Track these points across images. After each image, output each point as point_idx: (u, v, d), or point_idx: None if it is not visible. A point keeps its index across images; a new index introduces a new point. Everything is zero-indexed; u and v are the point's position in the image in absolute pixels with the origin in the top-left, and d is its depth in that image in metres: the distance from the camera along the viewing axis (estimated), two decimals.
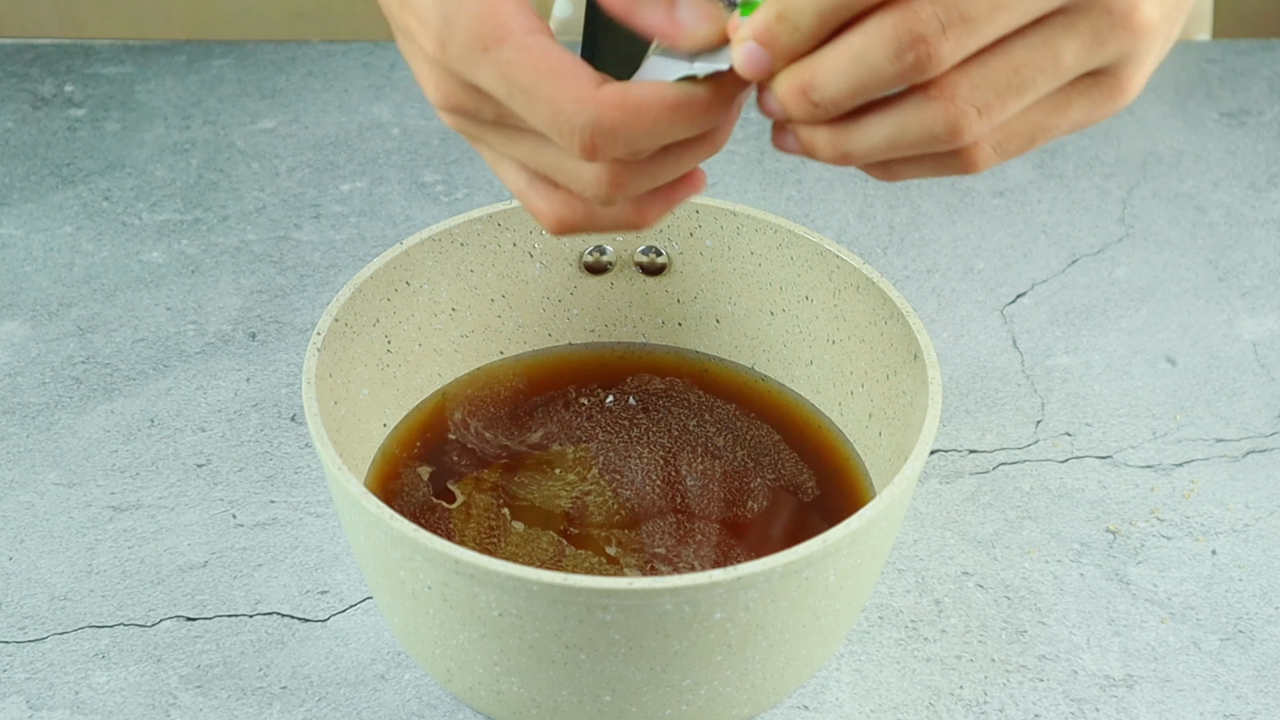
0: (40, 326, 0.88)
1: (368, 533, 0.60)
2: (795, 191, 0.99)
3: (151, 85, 1.09)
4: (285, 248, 0.94)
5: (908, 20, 0.48)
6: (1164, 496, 0.79)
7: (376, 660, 0.70)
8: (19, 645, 0.70)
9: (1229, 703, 0.69)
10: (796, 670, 0.63)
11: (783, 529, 0.70)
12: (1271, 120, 1.07)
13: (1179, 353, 0.88)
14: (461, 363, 0.76)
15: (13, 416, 0.82)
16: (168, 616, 0.72)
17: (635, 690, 0.60)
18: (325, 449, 0.61)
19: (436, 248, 0.73)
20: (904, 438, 0.67)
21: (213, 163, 1.02)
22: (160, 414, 0.82)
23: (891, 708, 0.68)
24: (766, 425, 0.75)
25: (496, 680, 0.61)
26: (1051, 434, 0.82)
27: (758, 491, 0.71)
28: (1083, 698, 0.69)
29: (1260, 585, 0.74)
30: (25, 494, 0.78)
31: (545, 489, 0.71)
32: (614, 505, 0.70)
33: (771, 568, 0.56)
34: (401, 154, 1.02)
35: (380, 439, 0.73)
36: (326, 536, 0.76)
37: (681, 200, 0.57)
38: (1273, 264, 0.94)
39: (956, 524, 0.77)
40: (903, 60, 0.48)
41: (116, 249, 0.94)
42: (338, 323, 0.68)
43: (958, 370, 0.86)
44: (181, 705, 0.68)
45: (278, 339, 0.87)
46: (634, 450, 0.73)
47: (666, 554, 0.68)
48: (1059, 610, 0.73)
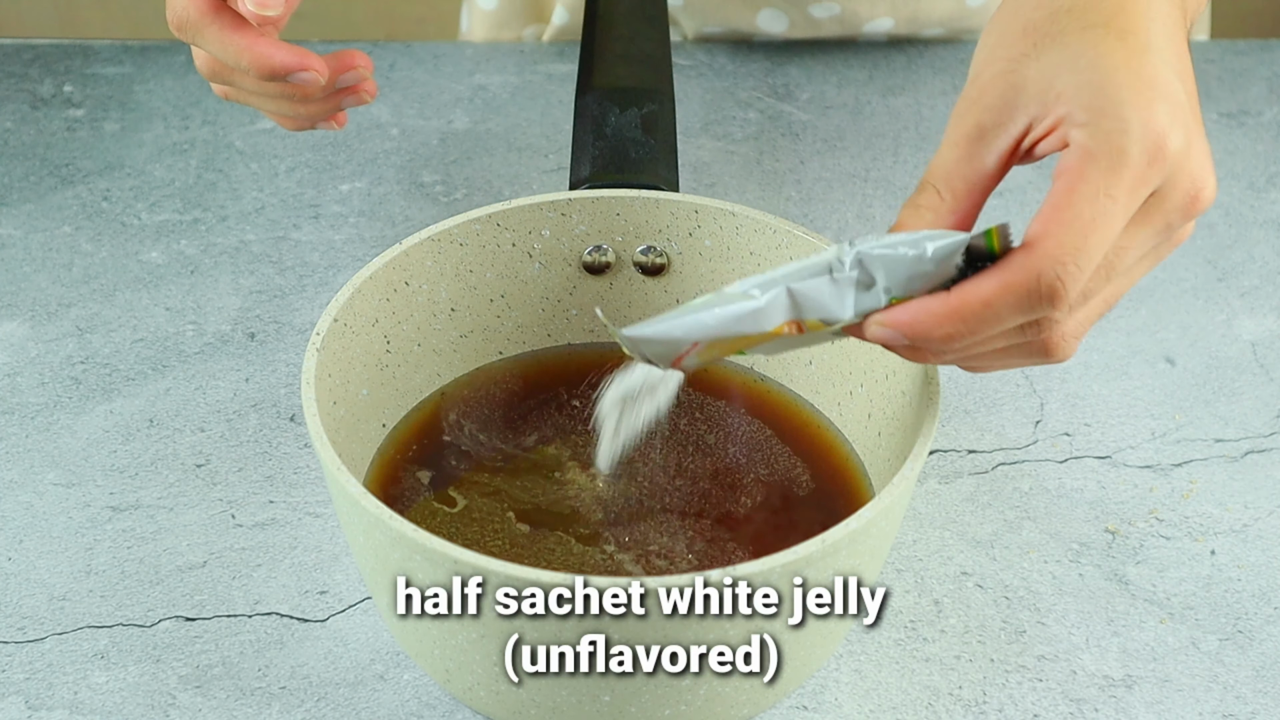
0: (39, 327, 0.88)
1: (367, 533, 0.60)
2: (795, 192, 0.99)
3: (150, 85, 1.09)
4: (284, 248, 0.94)
5: (1040, 308, 0.55)
6: (1163, 497, 0.79)
7: (375, 660, 0.70)
8: (18, 645, 0.70)
9: (1228, 703, 0.69)
10: (796, 670, 0.63)
11: (782, 529, 0.70)
12: (1270, 120, 1.07)
13: (1178, 353, 0.88)
14: (461, 363, 0.76)
15: (12, 417, 0.82)
16: (167, 617, 0.72)
17: (635, 690, 0.60)
18: (324, 449, 0.61)
19: (435, 248, 0.73)
20: (903, 438, 0.67)
21: (212, 163, 1.01)
22: (159, 414, 0.82)
23: (890, 708, 0.68)
24: (766, 425, 0.75)
25: (495, 680, 0.61)
26: (1051, 434, 0.82)
27: (757, 492, 0.71)
28: (1082, 698, 0.69)
29: (1259, 585, 0.74)
30: (24, 494, 0.78)
31: (544, 489, 0.71)
32: (613, 505, 0.70)
33: (771, 568, 0.57)
34: (400, 154, 1.02)
35: (379, 439, 0.73)
36: (325, 537, 0.76)
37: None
38: (1271, 264, 0.94)
39: (956, 524, 0.77)
40: (1024, 333, 0.56)
41: (115, 249, 0.94)
42: (337, 323, 0.68)
43: (957, 370, 0.86)
44: (181, 705, 0.68)
45: (277, 339, 0.87)
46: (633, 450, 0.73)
47: (665, 554, 0.68)
48: (1058, 610, 0.73)
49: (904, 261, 0.55)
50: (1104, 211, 0.53)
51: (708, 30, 1.13)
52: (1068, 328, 0.56)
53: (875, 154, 1.03)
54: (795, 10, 1.09)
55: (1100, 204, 0.53)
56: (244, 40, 0.67)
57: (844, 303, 0.56)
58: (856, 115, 1.06)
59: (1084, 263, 0.53)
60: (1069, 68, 0.56)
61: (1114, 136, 0.54)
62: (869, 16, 1.10)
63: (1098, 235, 0.53)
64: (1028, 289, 0.53)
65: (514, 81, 1.09)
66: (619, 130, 0.79)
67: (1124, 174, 0.54)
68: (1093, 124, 0.54)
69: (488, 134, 1.04)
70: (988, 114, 0.57)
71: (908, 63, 1.12)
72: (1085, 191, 0.54)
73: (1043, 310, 0.54)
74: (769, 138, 1.04)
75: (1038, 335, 0.56)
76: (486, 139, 1.04)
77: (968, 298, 0.54)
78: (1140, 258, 0.57)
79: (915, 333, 0.55)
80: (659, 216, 0.75)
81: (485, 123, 1.05)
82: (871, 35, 1.12)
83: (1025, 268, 0.53)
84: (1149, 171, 0.54)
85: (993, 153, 0.57)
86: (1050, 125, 0.56)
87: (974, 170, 0.57)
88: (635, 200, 0.75)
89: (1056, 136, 0.55)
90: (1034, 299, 0.54)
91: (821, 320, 0.57)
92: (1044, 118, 0.56)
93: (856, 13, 1.09)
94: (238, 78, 0.70)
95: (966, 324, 0.54)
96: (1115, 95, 0.55)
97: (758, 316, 0.57)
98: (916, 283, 0.55)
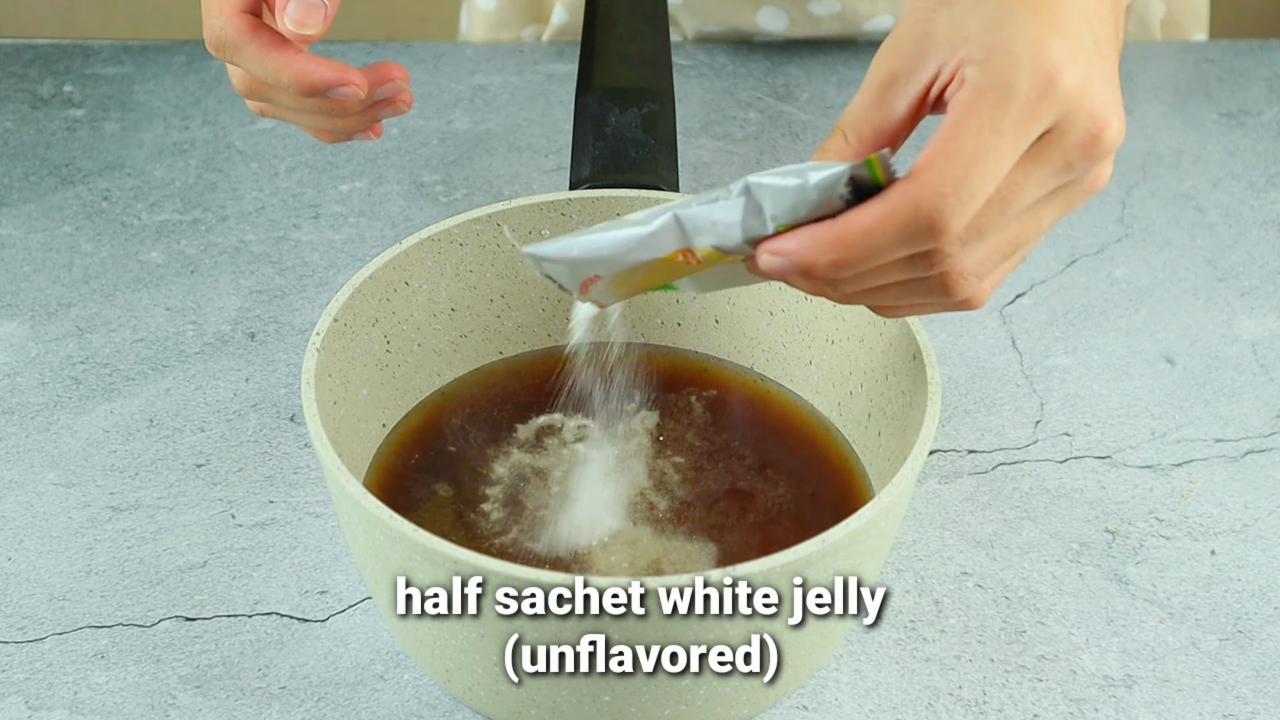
0: (39, 327, 0.88)
1: (367, 533, 0.60)
2: None
3: (150, 85, 1.09)
4: (284, 248, 0.94)
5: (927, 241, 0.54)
6: (1163, 497, 0.79)
7: (375, 660, 0.70)
8: (18, 645, 0.70)
9: (1228, 703, 0.69)
10: (796, 670, 0.63)
11: (782, 529, 0.70)
12: (1270, 120, 1.07)
13: (1178, 353, 0.88)
14: (461, 363, 0.76)
15: (12, 417, 0.82)
16: (167, 617, 0.72)
17: (635, 690, 0.60)
18: (324, 449, 0.61)
19: (435, 248, 0.73)
20: (903, 438, 0.67)
21: (212, 163, 1.02)
22: (159, 414, 0.82)
23: (890, 708, 0.68)
24: (766, 425, 0.75)
25: (495, 680, 0.61)
26: (1050, 434, 0.82)
27: (757, 492, 0.71)
28: (1082, 698, 0.69)
29: (1259, 585, 0.74)
30: (24, 494, 0.78)
31: (543, 489, 0.71)
32: (612, 505, 0.70)
33: (771, 567, 0.57)
34: (400, 154, 1.02)
35: (379, 439, 0.73)
36: (325, 537, 0.76)
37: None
38: (1271, 264, 0.94)
39: (955, 524, 0.77)
40: (916, 267, 0.55)
41: (116, 249, 0.94)
42: (337, 323, 0.68)
43: (957, 370, 0.86)
44: (180, 705, 0.68)
45: (277, 339, 0.87)
46: (632, 450, 0.73)
47: (665, 554, 0.68)
48: (1058, 610, 0.73)
49: (788, 191, 0.54)
50: (988, 144, 0.53)
51: (708, 29, 1.13)
52: (965, 264, 0.55)
53: None
54: (795, 8, 1.09)
55: (984, 136, 0.53)
56: (283, 58, 0.67)
57: (731, 228, 0.56)
58: None
59: (965, 195, 0.53)
60: (975, 13, 0.55)
61: (1003, 71, 0.53)
62: (869, 14, 1.10)
63: (980, 168, 0.53)
64: (906, 218, 0.53)
65: (514, 81, 1.09)
66: (619, 130, 0.79)
67: (1010, 107, 0.53)
68: (986, 60, 0.54)
69: (488, 134, 1.04)
70: (899, 61, 0.57)
71: None
72: (970, 125, 0.53)
73: (925, 242, 0.53)
74: (769, 138, 1.04)
75: (929, 270, 0.55)
76: (486, 139, 1.04)
77: (850, 225, 0.54)
78: (1042, 199, 0.56)
79: (801, 259, 0.54)
80: None
81: (485, 123, 1.05)
82: (872, 34, 1.12)
83: (905, 196, 0.53)
84: (1039, 106, 0.53)
85: (902, 100, 0.57)
86: (953, 69, 0.55)
87: (883, 116, 0.57)
88: (635, 200, 0.75)
89: (958, 79, 0.55)
90: (913, 229, 0.53)
91: (714, 247, 0.57)
92: (949, 62, 0.55)
93: (857, 10, 1.09)
94: (276, 94, 0.70)
95: (849, 251, 0.54)
96: (1010, 32, 0.54)
97: (648, 241, 0.57)
98: (802, 210, 0.55)
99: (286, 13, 0.66)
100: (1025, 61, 0.53)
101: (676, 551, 0.68)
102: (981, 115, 0.53)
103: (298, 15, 0.66)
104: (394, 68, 0.71)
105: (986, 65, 0.54)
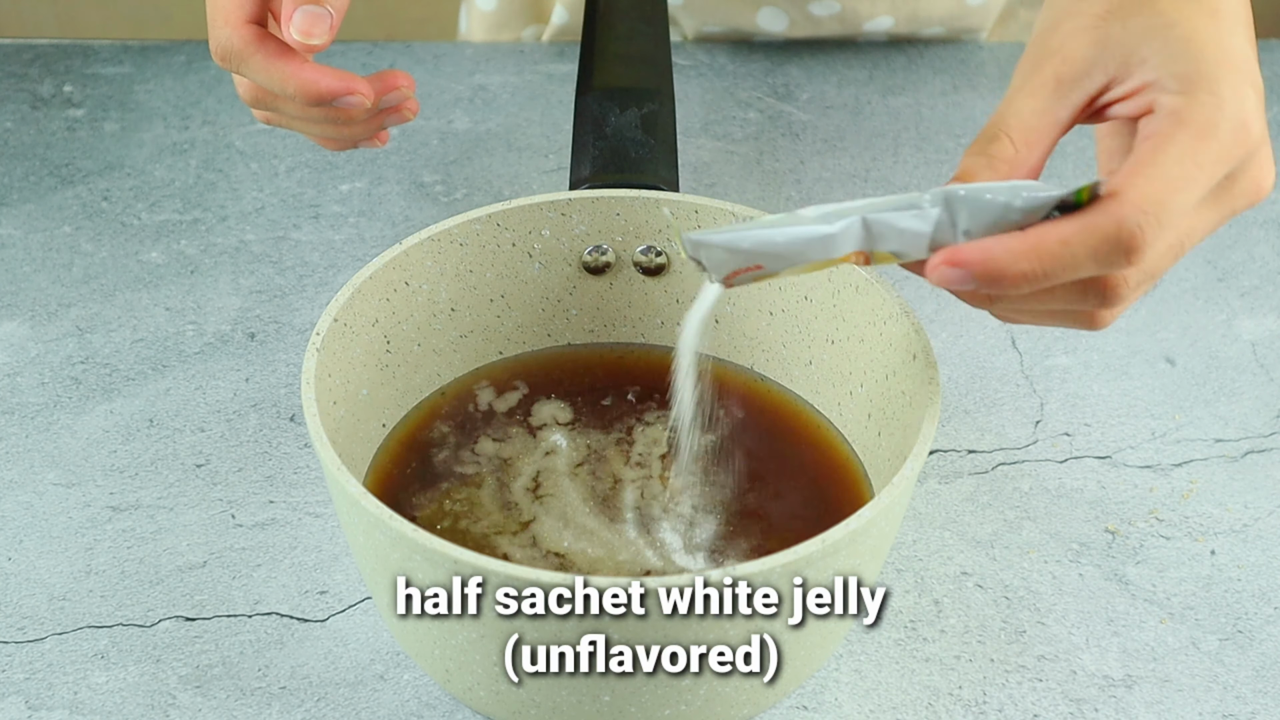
0: (39, 326, 0.88)
1: (367, 533, 0.60)
2: (795, 192, 0.99)
3: (150, 85, 1.09)
4: (284, 248, 0.94)
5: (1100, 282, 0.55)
6: (1163, 497, 0.79)
7: (375, 660, 0.70)
8: (18, 645, 0.70)
9: (1228, 703, 0.69)
10: (796, 670, 0.63)
11: (782, 529, 0.70)
12: (1271, 120, 1.07)
13: (1178, 353, 0.88)
14: (461, 363, 0.76)
15: (12, 417, 0.82)
16: (167, 617, 0.72)
17: (635, 690, 0.60)
18: (324, 449, 0.61)
19: (435, 248, 0.73)
20: (903, 438, 0.67)
21: (211, 163, 1.02)
22: (159, 414, 0.82)
23: (890, 708, 0.68)
24: (766, 425, 0.75)
25: (495, 680, 0.61)
26: (1050, 434, 0.82)
27: (757, 492, 0.71)
28: (1082, 698, 0.69)
29: (1259, 585, 0.74)
30: (24, 494, 0.78)
31: (543, 489, 0.71)
32: (612, 505, 0.70)
33: (771, 567, 0.57)
34: (400, 154, 1.02)
35: (379, 439, 0.73)
36: (325, 537, 0.76)
37: None
38: (1271, 264, 0.94)
39: (955, 524, 0.77)
40: (1086, 299, 0.56)
41: (115, 249, 0.94)
42: (337, 323, 0.68)
43: (957, 370, 0.86)
44: (180, 705, 0.68)
45: (277, 339, 0.87)
46: (632, 450, 0.73)
47: (665, 554, 0.68)
48: (1058, 610, 0.73)
49: (991, 208, 0.54)
50: (1189, 176, 0.53)
51: (708, 30, 1.13)
52: (1130, 298, 0.55)
53: (875, 154, 1.03)
54: (795, 9, 1.09)
55: (1186, 168, 0.53)
56: (289, 67, 0.67)
57: (920, 238, 0.55)
58: (856, 115, 1.06)
59: (1165, 219, 0.53)
60: (1158, 35, 0.56)
61: (1207, 108, 0.54)
62: (869, 15, 1.10)
63: (1180, 196, 0.53)
64: (1107, 233, 0.52)
65: (514, 81, 1.09)
66: (619, 130, 0.79)
67: (1212, 145, 0.53)
68: (1186, 94, 0.54)
69: (488, 134, 1.04)
70: (1067, 66, 0.57)
71: (908, 63, 1.12)
72: (1173, 153, 0.53)
73: (1118, 261, 0.53)
74: (769, 138, 1.04)
75: (1099, 303, 0.55)
76: (486, 139, 1.04)
77: (1046, 236, 0.53)
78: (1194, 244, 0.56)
79: (989, 269, 0.53)
80: (659, 216, 0.75)
81: (485, 123, 1.05)
82: (871, 34, 1.12)
83: (1109, 213, 0.53)
84: (1234, 149, 0.54)
85: (1068, 105, 0.57)
86: (1133, 88, 0.55)
87: (1049, 121, 0.57)
88: (635, 200, 0.75)
89: (1139, 101, 0.55)
90: (1112, 244, 0.53)
91: (894, 253, 0.56)
92: (1124, 80, 0.56)
93: (856, 11, 1.09)
94: (282, 104, 0.70)
95: (1043, 263, 0.53)
96: (1210, 72, 0.54)
97: (828, 243, 0.56)
98: (999, 230, 0.54)
99: (292, 23, 0.66)
100: (1228, 105, 0.54)
101: (676, 551, 0.68)
102: (1184, 146, 0.53)
103: (303, 25, 0.66)
104: (400, 76, 0.71)
105: (1189, 100, 0.54)
